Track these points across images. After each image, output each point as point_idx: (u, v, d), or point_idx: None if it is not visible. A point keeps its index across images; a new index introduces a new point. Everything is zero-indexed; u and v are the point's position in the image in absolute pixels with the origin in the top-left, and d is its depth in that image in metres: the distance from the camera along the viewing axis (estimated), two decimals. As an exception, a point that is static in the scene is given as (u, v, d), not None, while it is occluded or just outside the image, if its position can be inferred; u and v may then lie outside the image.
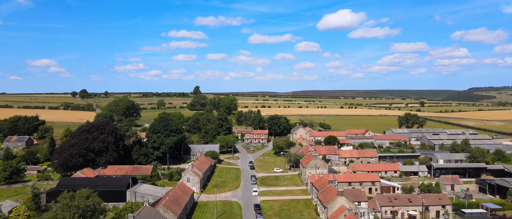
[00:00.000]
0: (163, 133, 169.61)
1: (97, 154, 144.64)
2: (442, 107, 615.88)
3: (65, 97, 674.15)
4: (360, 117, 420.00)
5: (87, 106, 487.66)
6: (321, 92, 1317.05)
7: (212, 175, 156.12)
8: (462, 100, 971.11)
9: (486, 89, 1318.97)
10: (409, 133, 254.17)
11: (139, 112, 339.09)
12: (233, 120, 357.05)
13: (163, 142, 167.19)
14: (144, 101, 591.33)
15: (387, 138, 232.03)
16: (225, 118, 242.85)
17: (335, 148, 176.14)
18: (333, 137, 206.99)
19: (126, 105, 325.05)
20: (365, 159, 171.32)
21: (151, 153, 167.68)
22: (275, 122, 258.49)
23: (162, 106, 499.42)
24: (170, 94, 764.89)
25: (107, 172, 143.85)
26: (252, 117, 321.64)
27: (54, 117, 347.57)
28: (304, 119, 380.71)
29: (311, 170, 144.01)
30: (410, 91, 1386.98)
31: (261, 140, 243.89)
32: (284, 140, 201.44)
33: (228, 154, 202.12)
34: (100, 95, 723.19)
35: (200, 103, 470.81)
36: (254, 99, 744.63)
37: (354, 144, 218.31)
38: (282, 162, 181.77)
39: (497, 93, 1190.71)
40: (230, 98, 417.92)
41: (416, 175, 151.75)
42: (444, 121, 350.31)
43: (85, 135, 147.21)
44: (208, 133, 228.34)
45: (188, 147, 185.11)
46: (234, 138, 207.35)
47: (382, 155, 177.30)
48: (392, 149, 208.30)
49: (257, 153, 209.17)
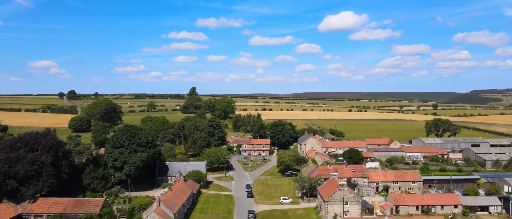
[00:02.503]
0: (128, 148, 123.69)
1: (22, 182, 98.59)
2: (456, 111, 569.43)
3: (51, 99, 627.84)
4: (373, 121, 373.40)
5: (71, 109, 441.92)
6: (322, 94, 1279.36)
7: (194, 208, 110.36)
8: (467, 102, 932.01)
9: (489, 92, 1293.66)
10: (443, 143, 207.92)
11: (120, 115, 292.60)
12: (229, 124, 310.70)
13: (128, 160, 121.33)
14: (135, 103, 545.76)
15: (418, 150, 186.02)
16: (217, 124, 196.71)
17: (362, 169, 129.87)
18: (354, 150, 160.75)
19: (104, 108, 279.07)
20: (405, 184, 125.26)
21: (112, 175, 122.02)
22: (279, 130, 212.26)
23: (152, 109, 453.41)
24: (165, 96, 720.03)
25: (37, 208, 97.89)
26: (251, 122, 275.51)
27: (23, 120, 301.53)
28: (311, 123, 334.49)
29: (335, 206, 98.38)
30: (412, 94, 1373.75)
31: (262, 152, 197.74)
32: (291, 155, 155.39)
33: (219, 172, 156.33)
34: (89, 96, 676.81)
35: (194, 105, 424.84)
36: (254, 101, 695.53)
37: (380, 158, 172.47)
38: (291, 185, 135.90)
39: (502, 95, 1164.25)
40: (227, 100, 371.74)
41: (486, 211, 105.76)
42: (473, 126, 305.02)
43: (6, 153, 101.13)
44: (195, 143, 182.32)
45: (165, 165, 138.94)
46: (226, 152, 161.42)
47: (427, 177, 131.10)
48: (431, 165, 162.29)
49: (257, 170, 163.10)
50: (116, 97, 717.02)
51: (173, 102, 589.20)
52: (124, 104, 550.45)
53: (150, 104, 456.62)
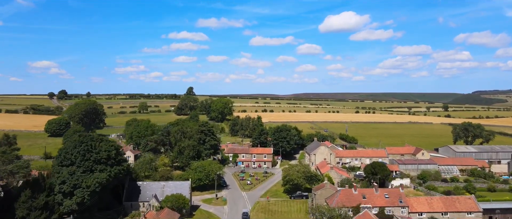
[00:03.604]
0: (82, 166, 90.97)
1: None
2: (469, 113, 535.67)
3: (41, 99, 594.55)
4: (385, 125, 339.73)
5: (56, 109, 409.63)
6: (323, 95, 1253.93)
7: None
8: (471, 103, 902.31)
9: (492, 93, 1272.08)
10: (478, 152, 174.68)
11: (102, 118, 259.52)
12: (226, 128, 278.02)
13: (81, 182, 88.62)
14: (128, 104, 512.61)
15: (453, 162, 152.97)
16: (209, 129, 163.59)
17: (399, 194, 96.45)
18: (380, 164, 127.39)
19: (84, 109, 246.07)
20: (458, 215, 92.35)
21: (59, 202, 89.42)
22: (283, 136, 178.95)
23: (144, 110, 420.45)
24: (161, 96, 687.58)
25: None
26: (251, 126, 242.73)
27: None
28: (317, 127, 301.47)
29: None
30: (413, 94, 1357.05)
31: (263, 164, 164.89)
32: (301, 171, 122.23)
33: (210, 191, 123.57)
34: (81, 96, 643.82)
35: (189, 106, 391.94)
36: (254, 102, 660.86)
37: (408, 173, 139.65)
38: (301, 213, 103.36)
39: (506, 96, 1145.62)
40: (224, 101, 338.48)
41: None
42: (498, 131, 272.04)
43: None
44: (182, 153, 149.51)
45: (137, 187, 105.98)
46: (218, 167, 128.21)
47: (486, 205, 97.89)
48: (475, 182, 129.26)
49: (257, 189, 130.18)
50: (109, 97, 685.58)
51: (168, 103, 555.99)
52: (116, 105, 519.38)
53: (142, 105, 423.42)
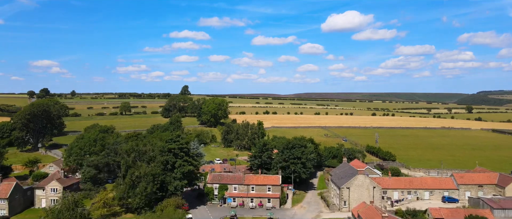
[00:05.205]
0: None
1: None
2: (496, 116, 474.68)
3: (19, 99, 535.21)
4: (414, 131, 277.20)
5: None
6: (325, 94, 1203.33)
7: None
8: (478, 103, 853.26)
9: (498, 93, 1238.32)
10: None
11: (56, 123, 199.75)
12: (218, 135, 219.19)
13: None
14: (112, 104, 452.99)
15: None
16: (182, 147, 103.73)
17: None
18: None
19: (28, 112, 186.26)
20: None
21: None
22: (296, 155, 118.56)
23: (127, 111, 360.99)
24: (153, 95, 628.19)
25: None
26: (249, 135, 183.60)
27: None
28: (331, 133, 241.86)
29: None
30: (416, 94, 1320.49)
31: (267, 201, 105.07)
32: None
33: None
34: (65, 95, 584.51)
35: (178, 107, 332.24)
36: (255, 102, 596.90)
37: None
38: None
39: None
40: (218, 101, 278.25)
41: None
42: None
43: None
44: (136, 186, 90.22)
45: None
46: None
47: None
48: None
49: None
50: (95, 97, 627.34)
51: (159, 103, 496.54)
52: (98, 105, 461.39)
53: (124, 105, 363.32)
